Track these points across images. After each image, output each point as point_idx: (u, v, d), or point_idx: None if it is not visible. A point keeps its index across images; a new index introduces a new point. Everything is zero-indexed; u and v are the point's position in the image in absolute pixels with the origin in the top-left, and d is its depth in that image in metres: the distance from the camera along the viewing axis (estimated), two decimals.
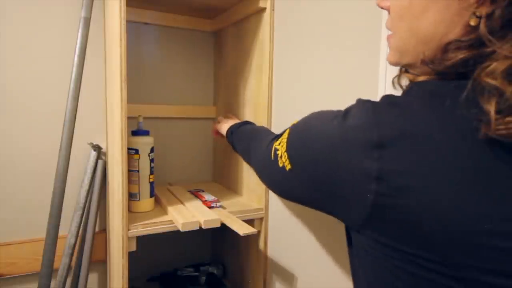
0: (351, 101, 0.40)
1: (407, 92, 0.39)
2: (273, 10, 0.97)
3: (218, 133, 1.04)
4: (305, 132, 0.43)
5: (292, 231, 0.92)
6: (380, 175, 0.33)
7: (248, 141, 0.75)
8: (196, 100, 1.33)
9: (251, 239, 1.09)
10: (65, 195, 0.96)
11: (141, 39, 1.22)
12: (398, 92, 0.42)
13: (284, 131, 0.49)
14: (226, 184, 1.26)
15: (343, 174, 0.36)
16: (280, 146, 0.47)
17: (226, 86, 1.25)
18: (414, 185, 0.31)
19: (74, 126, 0.95)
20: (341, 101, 0.74)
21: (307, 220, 0.88)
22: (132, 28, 1.18)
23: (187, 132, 1.32)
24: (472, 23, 0.34)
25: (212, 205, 0.97)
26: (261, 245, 1.04)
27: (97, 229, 1.12)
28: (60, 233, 0.96)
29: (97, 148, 1.06)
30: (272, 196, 1.01)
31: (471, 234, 0.29)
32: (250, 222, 0.94)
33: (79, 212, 1.01)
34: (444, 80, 0.36)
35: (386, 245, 0.35)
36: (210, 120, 1.35)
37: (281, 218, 0.97)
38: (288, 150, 0.45)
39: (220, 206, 0.99)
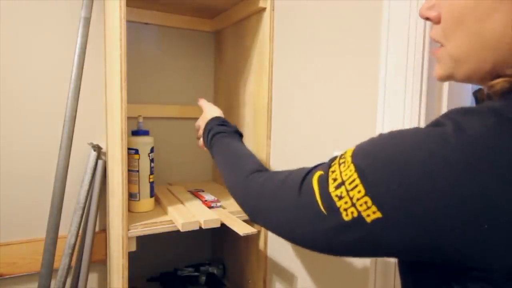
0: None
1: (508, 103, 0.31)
2: (273, 10, 0.97)
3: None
4: (398, 163, 0.31)
5: None
6: None
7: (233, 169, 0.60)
8: (196, 100, 1.33)
9: (251, 239, 1.09)
10: (65, 195, 0.96)
11: (141, 39, 1.21)
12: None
13: (340, 170, 0.36)
14: None
15: (481, 210, 0.27)
16: (356, 192, 0.33)
17: (226, 86, 1.25)
18: None
19: (74, 126, 0.95)
20: (342, 101, 0.74)
21: None
22: (132, 28, 1.18)
23: (187, 132, 1.32)
24: None
25: (212, 205, 0.97)
26: (261, 245, 1.04)
27: (97, 229, 1.12)
28: (60, 233, 0.96)
29: (97, 148, 1.06)
30: None
31: None
32: (250, 222, 0.94)
33: (79, 212, 1.01)
34: None
35: None
36: None
37: None
38: (370, 192, 0.32)
39: (220, 206, 0.99)
